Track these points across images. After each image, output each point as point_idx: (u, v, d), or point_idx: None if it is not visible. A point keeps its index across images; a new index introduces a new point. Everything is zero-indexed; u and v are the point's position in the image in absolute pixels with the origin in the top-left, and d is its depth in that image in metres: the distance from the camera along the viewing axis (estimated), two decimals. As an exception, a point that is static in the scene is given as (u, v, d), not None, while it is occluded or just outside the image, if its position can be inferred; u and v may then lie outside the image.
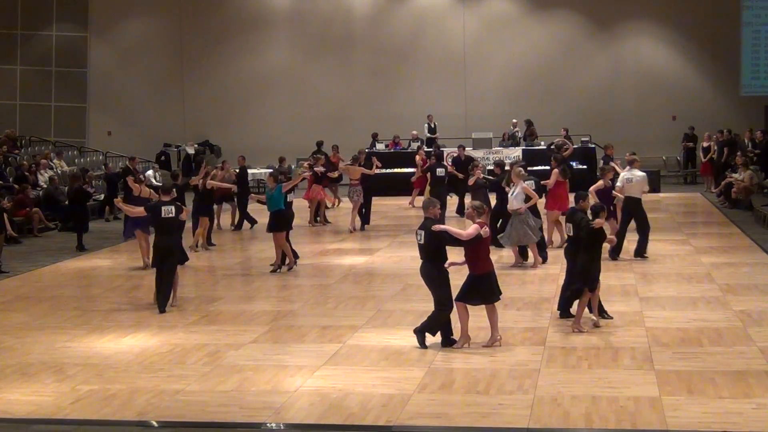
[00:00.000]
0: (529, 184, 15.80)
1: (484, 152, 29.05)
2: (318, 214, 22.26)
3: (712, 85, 32.30)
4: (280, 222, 15.87)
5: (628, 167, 16.23)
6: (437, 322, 10.57)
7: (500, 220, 16.37)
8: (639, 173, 16.02)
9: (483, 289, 10.48)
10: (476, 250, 10.46)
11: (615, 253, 15.83)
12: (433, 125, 30.23)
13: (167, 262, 12.96)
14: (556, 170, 17.07)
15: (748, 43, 30.21)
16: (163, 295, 12.99)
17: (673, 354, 10.15)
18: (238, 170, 21.90)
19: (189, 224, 15.62)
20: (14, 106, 33.98)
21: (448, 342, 10.57)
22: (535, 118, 30.20)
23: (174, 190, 14.69)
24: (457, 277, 10.75)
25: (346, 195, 22.67)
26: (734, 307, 12.26)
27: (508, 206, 15.60)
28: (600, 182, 15.85)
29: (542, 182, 16.95)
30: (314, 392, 9.15)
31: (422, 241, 10.47)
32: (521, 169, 16.14)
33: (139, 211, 13.67)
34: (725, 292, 13.13)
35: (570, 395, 8.81)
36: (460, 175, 21.45)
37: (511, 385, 9.16)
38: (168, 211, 13.00)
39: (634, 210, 15.86)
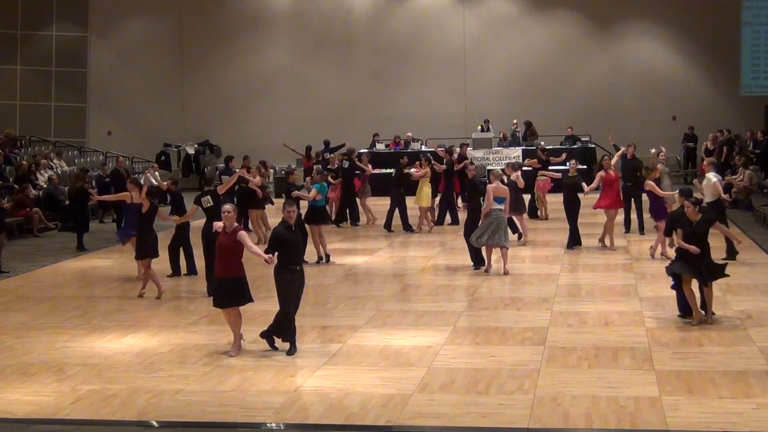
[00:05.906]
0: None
1: (484, 152, 29.06)
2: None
3: (712, 85, 32.27)
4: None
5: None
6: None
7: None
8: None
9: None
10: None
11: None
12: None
13: None
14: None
15: (748, 43, 30.12)
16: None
17: (673, 354, 10.15)
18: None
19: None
20: (14, 106, 33.95)
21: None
22: (535, 118, 30.19)
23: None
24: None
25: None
26: (734, 307, 12.26)
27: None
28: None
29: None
30: (314, 392, 9.15)
31: None
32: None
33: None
34: (725, 292, 13.11)
35: (570, 395, 8.80)
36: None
37: (511, 385, 9.15)
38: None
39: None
